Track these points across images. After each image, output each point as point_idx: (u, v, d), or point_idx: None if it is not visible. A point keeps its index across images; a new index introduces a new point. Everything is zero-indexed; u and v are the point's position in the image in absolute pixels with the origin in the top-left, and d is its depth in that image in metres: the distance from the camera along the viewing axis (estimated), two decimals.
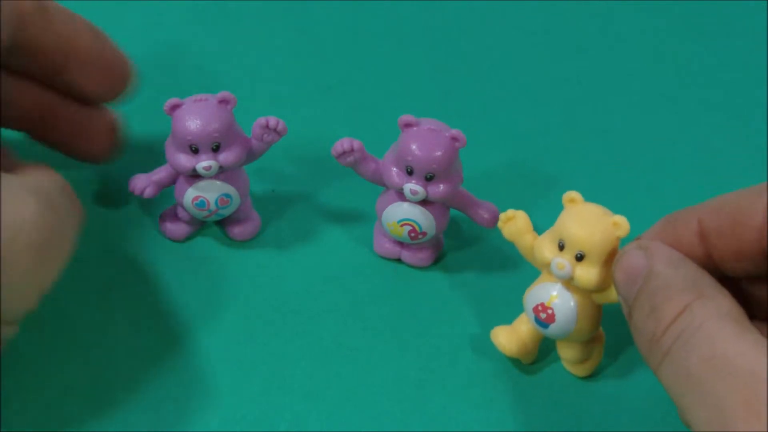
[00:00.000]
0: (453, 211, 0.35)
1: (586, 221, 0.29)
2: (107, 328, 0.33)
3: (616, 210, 0.30)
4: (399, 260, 0.36)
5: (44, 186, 0.28)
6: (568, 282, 0.30)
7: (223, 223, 0.36)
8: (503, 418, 0.31)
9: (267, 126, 0.33)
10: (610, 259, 0.29)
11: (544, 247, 0.30)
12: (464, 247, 0.37)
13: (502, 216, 0.31)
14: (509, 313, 0.33)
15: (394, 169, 0.33)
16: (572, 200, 0.30)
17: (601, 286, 0.29)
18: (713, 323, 0.24)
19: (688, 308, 0.25)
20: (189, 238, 0.36)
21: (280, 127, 0.33)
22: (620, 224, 0.29)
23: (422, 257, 0.35)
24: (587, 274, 0.29)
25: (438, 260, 0.36)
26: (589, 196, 0.39)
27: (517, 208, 0.37)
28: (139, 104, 0.41)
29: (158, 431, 0.30)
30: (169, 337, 0.33)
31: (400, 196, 0.34)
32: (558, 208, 0.30)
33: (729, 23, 0.49)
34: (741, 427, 0.22)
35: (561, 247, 0.29)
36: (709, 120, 0.44)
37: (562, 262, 0.29)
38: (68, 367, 0.31)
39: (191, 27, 0.46)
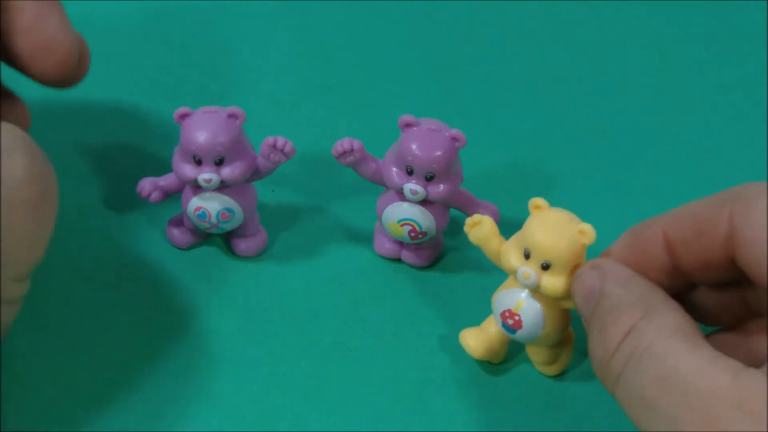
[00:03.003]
0: (453, 211, 0.35)
1: (552, 230, 0.28)
2: (108, 329, 0.33)
3: (617, 210, 0.30)
4: (399, 260, 0.36)
5: (20, 136, 0.26)
6: (535, 289, 0.29)
7: (229, 237, 0.36)
8: (503, 418, 0.31)
9: (274, 146, 0.33)
10: (576, 267, 0.28)
11: (510, 255, 0.29)
12: (464, 247, 0.37)
13: (468, 221, 0.31)
14: None
15: (394, 169, 0.33)
16: (537, 207, 0.29)
17: (568, 294, 0.29)
18: (662, 341, 0.24)
19: (635, 328, 0.24)
20: (194, 246, 0.36)
21: (287, 149, 0.33)
22: (586, 232, 0.28)
23: (422, 257, 0.36)
24: (553, 283, 0.28)
25: (438, 260, 0.36)
26: (589, 196, 0.39)
27: (517, 208, 0.38)
28: (141, 104, 0.41)
29: (158, 431, 0.30)
30: (169, 337, 0.33)
31: (400, 196, 0.34)
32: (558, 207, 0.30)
33: (729, 23, 0.49)
34: None
35: (527, 256, 0.29)
36: (709, 120, 0.44)
37: (528, 271, 0.29)
38: (68, 367, 0.31)
39: (192, 27, 0.46)
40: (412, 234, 0.34)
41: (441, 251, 0.36)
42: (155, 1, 0.47)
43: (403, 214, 0.34)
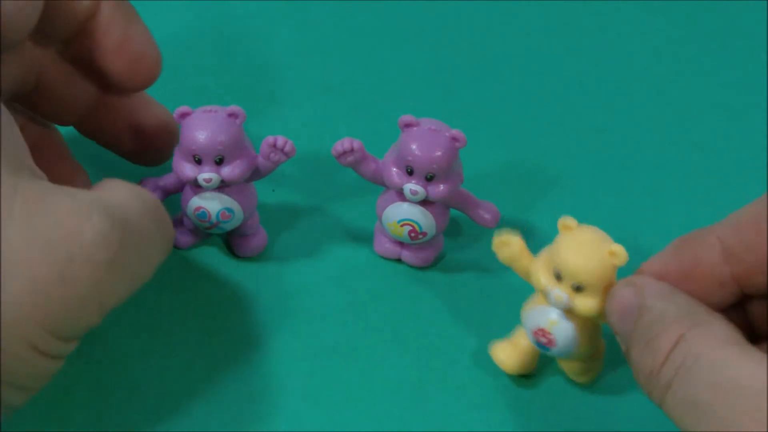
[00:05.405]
0: (453, 211, 0.35)
1: (583, 251, 0.28)
2: (108, 330, 0.33)
3: (616, 210, 0.30)
4: (399, 260, 0.36)
5: (117, 203, 0.26)
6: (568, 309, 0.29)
7: (229, 237, 0.35)
8: (503, 418, 0.31)
9: (274, 145, 0.33)
10: (609, 286, 0.28)
11: (540, 275, 0.29)
12: (464, 247, 0.37)
13: (496, 240, 0.30)
14: (509, 313, 0.33)
15: (394, 169, 0.33)
16: (567, 227, 0.29)
17: (601, 312, 0.28)
18: (713, 349, 0.24)
19: (683, 338, 0.24)
20: (194, 246, 0.36)
21: (287, 148, 0.33)
22: (617, 253, 0.28)
23: (422, 257, 0.36)
24: (587, 305, 0.28)
25: (438, 260, 0.36)
26: (589, 197, 0.39)
27: (517, 208, 0.38)
28: None
29: (157, 430, 0.30)
30: (168, 337, 0.33)
31: (400, 196, 0.34)
32: (558, 208, 0.30)
33: (729, 23, 0.49)
34: None
35: (558, 277, 0.29)
36: (709, 120, 0.43)
37: (560, 294, 0.28)
38: (67, 367, 0.31)
39: (192, 27, 0.46)
40: (412, 234, 0.34)
41: (441, 251, 0.36)
42: (154, 0, 0.47)
43: (403, 215, 0.34)
